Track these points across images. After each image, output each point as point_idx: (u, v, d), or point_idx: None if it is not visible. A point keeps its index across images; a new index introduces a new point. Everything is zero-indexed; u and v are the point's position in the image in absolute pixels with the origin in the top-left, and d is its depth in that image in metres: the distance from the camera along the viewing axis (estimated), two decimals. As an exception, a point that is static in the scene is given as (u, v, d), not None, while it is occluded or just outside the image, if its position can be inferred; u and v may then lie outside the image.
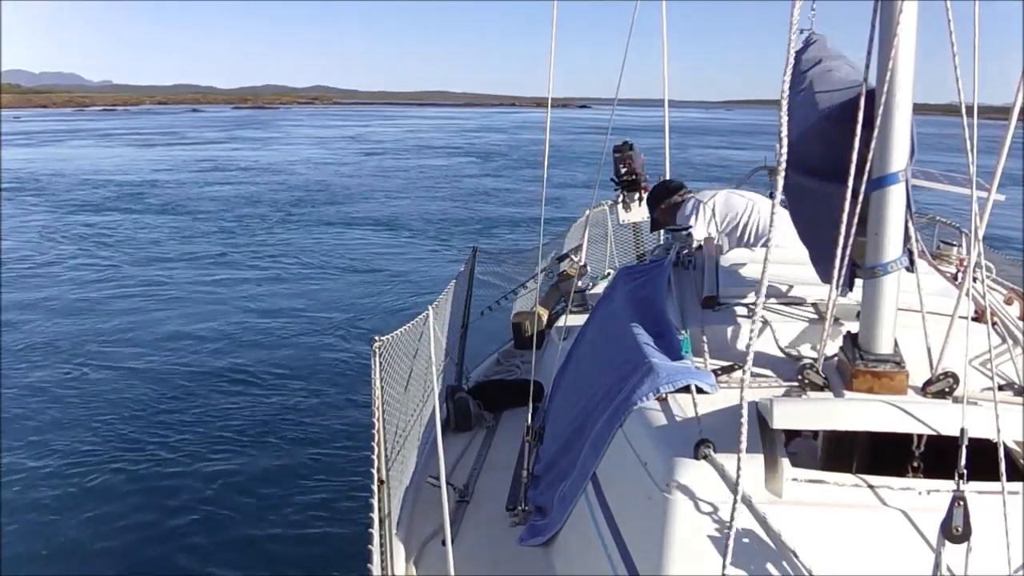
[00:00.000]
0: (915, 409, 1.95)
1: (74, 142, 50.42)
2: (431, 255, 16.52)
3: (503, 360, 5.21)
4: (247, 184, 28.47)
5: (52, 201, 23.58)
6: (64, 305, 11.90)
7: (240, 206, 23.02)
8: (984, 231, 2.20)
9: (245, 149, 45.94)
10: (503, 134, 66.35)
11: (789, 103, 2.75)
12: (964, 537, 1.70)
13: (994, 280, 3.84)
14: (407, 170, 34.77)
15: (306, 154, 42.90)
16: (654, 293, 3.09)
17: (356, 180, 30.52)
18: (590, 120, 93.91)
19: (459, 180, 31.05)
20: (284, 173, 32.37)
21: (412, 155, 43.58)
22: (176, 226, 19.52)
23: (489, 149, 48.03)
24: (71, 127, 69.54)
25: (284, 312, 11.65)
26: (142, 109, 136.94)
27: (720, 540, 1.84)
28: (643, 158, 5.81)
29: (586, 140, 51.06)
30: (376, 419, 2.42)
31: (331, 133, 65.13)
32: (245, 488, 6.25)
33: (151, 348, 9.83)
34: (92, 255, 15.84)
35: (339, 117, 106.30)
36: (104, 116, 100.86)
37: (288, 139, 56.39)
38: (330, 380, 8.70)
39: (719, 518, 1.86)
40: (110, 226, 19.37)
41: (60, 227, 19.04)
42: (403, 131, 71.01)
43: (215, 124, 78.98)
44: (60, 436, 7.18)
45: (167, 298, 12.45)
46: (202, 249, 16.66)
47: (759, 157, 6.89)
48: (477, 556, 2.63)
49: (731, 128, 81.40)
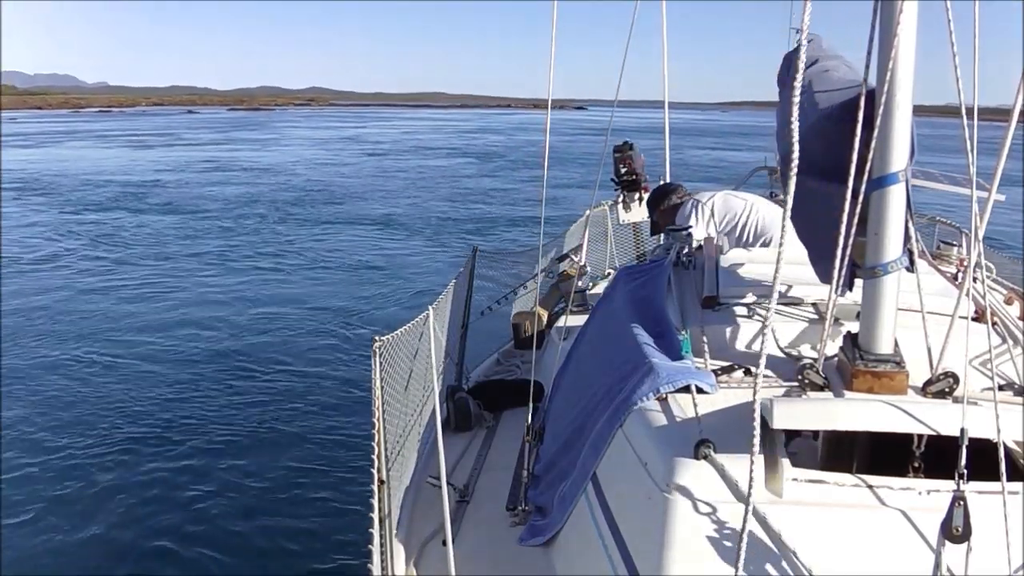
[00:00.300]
0: (915, 409, 1.95)
1: (72, 143, 50.12)
2: (430, 255, 16.53)
3: (503, 360, 5.21)
4: (247, 185, 28.47)
5: (56, 201, 23.59)
6: (68, 302, 11.93)
7: (240, 207, 23.02)
8: (984, 231, 2.21)
9: (244, 150, 45.85)
10: (500, 135, 66.69)
11: (785, 104, 2.76)
12: (964, 537, 1.70)
13: (994, 280, 3.84)
14: (406, 171, 34.92)
15: (304, 155, 42.93)
16: (654, 293, 3.09)
17: (355, 181, 30.59)
18: (587, 122, 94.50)
19: (457, 180, 31.24)
20: (284, 174, 32.40)
21: (411, 156, 43.81)
22: (177, 226, 19.51)
23: (487, 150, 48.25)
24: (68, 128, 69.02)
25: (284, 312, 11.64)
26: (138, 111, 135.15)
27: (720, 540, 1.84)
28: (643, 158, 5.82)
29: (583, 142, 51.32)
30: (376, 419, 2.42)
31: (328, 135, 65.05)
32: (245, 488, 6.25)
33: (150, 348, 9.83)
34: (94, 255, 15.84)
35: (335, 119, 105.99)
36: (100, 118, 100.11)
37: (285, 140, 56.27)
38: (330, 380, 8.70)
39: (719, 518, 1.86)
40: (113, 225, 19.40)
41: (62, 225, 19.08)
42: (400, 132, 71.13)
43: (212, 126, 78.69)
44: (55, 437, 7.17)
45: (166, 297, 12.44)
46: (202, 249, 16.65)
47: (755, 158, 6.90)
48: (477, 556, 2.63)
49: (726, 129, 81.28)
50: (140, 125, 77.92)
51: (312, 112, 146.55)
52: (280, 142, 54.25)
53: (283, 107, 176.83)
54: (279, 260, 15.62)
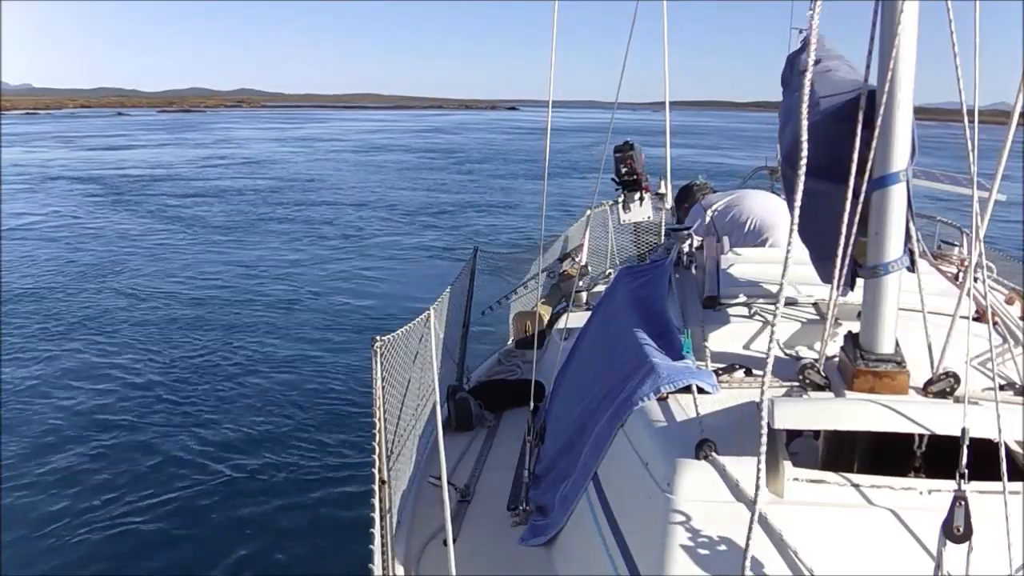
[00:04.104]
0: (916, 409, 1.95)
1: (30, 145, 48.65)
2: (428, 249, 16.61)
3: (504, 360, 5.21)
4: (224, 181, 28.93)
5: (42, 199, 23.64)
6: (68, 295, 11.94)
7: (225, 205, 23.23)
8: (985, 231, 2.20)
9: (199, 150, 46.06)
10: (452, 135, 69.48)
11: (787, 103, 2.75)
12: (965, 537, 1.70)
13: (995, 280, 3.84)
14: (385, 168, 36.57)
15: (259, 154, 43.63)
16: (655, 293, 3.09)
17: (332, 178, 31.33)
18: (523, 122, 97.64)
19: (434, 175, 33.26)
20: (256, 174, 32.90)
21: (377, 153, 46.56)
22: (156, 228, 19.56)
23: (446, 148, 51.05)
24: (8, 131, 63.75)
25: (285, 312, 11.65)
26: (65, 113, 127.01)
27: (721, 540, 1.84)
28: (644, 157, 5.81)
29: (521, 142, 56.24)
30: (377, 419, 2.42)
31: (280, 135, 64.86)
32: (244, 488, 6.25)
33: (149, 348, 9.84)
34: (91, 260, 15.86)
35: (273, 120, 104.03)
36: (28, 120, 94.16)
37: (235, 142, 55.43)
38: (330, 380, 8.69)
39: (721, 518, 1.86)
40: (106, 224, 19.42)
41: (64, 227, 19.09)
42: (355, 132, 71.80)
43: (153, 127, 76.88)
44: (51, 437, 7.18)
45: (166, 297, 12.45)
46: (203, 250, 16.66)
47: (683, 154, 6.89)
48: (478, 556, 2.63)
49: (658, 128, 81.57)
50: (75, 127, 74.27)
51: (246, 113, 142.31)
52: (232, 143, 53.48)
53: (214, 109, 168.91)
54: (280, 259, 15.64)
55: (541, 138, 4.72)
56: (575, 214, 8.82)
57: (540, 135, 64.06)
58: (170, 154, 43.75)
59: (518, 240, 17.07)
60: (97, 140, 55.33)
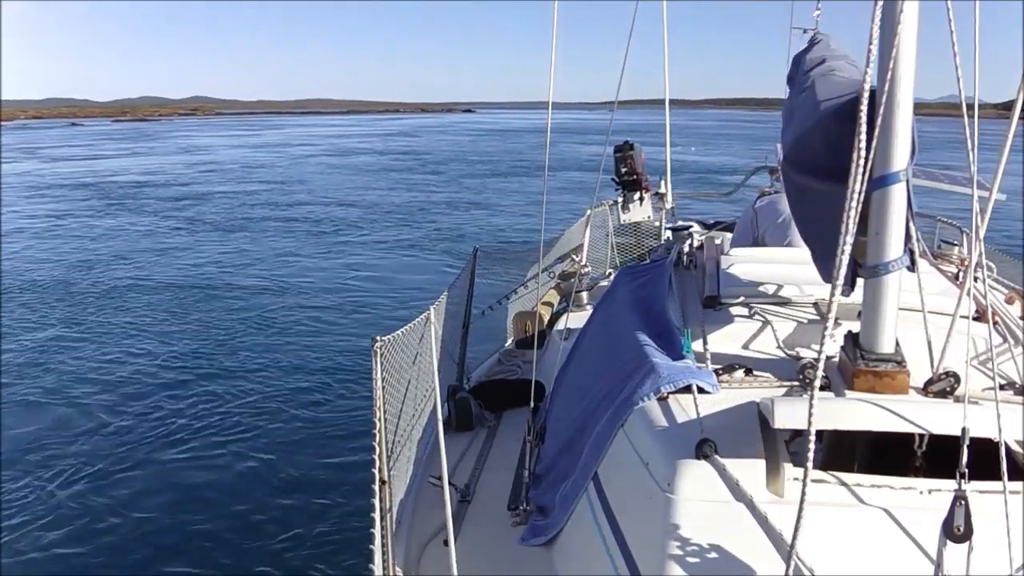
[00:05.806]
0: (916, 409, 1.95)
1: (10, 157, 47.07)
2: (426, 250, 16.59)
3: (504, 360, 5.20)
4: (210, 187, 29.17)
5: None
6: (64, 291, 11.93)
7: (217, 209, 23.32)
8: (985, 230, 2.20)
9: (171, 156, 46.38)
10: (415, 138, 70.00)
11: (792, 103, 2.75)
12: (965, 537, 1.70)
13: (995, 280, 3.83)
14: (365, 172, 36.95)
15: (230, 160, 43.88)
16: (655, 293, 3.09)
17: (312, 183, 31.57)
18: (480, 123, 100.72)
19: (407, 177, 33.94)
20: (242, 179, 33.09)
21: (350, 156, 47.45)
22: (163, 227, 19.59)
23: (416, 151, 52.09)
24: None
25: (285, 312, 11.65)
26: (17, 124, 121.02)
27: (722, 540, 1.83)
28: (644, 157, 5.82)
29: (481, 143, 57.65)
30: (377, 419, 2.42)
31: (240, 142, 64.39)
32: (244, 488, 6.25)
33: (148, 348, 9.84)
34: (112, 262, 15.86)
35: (230, 127, 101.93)
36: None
37: (203, 149, 54.92)
38: (330, 381, 8.69)
39: (721, 518, 1.86)
40: (105, 228, 19.42)
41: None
42: (319, 137, 71.53)
43: (112, 136, 75.57)
44: (49, 439, 7.19)
45: (163, 297, 12.46)
46: (202, 250, 16.67)
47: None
48: (478, 556, 2.63)
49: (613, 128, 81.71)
50: (36, 138, 72.15)
51: (200, 121, 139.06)
52: (201, 151, 52.99)
53: (168, 117, 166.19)
54: (277, 260, 15.64)
55: (500, 139, 4.71)
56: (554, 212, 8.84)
57: (498, 136, 65.30)
58: (142, 162, 43.84)
59: (513, 238, 17.13)
60: (61, 151, 54.62)
